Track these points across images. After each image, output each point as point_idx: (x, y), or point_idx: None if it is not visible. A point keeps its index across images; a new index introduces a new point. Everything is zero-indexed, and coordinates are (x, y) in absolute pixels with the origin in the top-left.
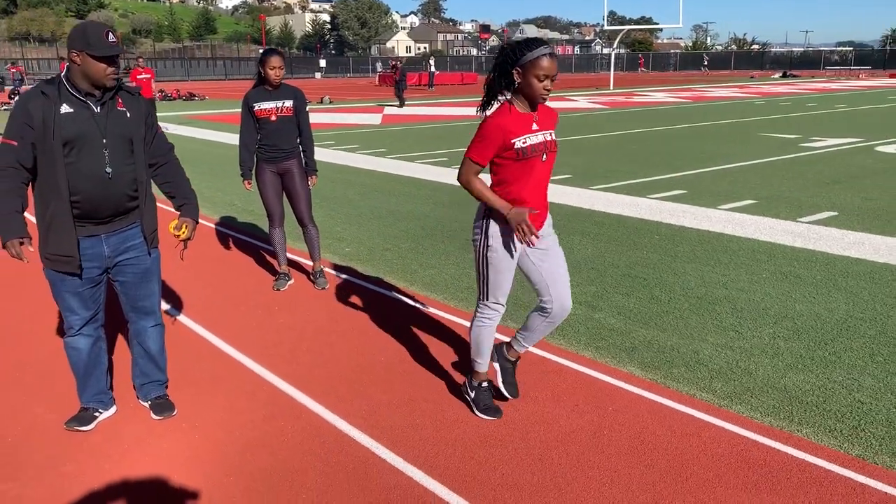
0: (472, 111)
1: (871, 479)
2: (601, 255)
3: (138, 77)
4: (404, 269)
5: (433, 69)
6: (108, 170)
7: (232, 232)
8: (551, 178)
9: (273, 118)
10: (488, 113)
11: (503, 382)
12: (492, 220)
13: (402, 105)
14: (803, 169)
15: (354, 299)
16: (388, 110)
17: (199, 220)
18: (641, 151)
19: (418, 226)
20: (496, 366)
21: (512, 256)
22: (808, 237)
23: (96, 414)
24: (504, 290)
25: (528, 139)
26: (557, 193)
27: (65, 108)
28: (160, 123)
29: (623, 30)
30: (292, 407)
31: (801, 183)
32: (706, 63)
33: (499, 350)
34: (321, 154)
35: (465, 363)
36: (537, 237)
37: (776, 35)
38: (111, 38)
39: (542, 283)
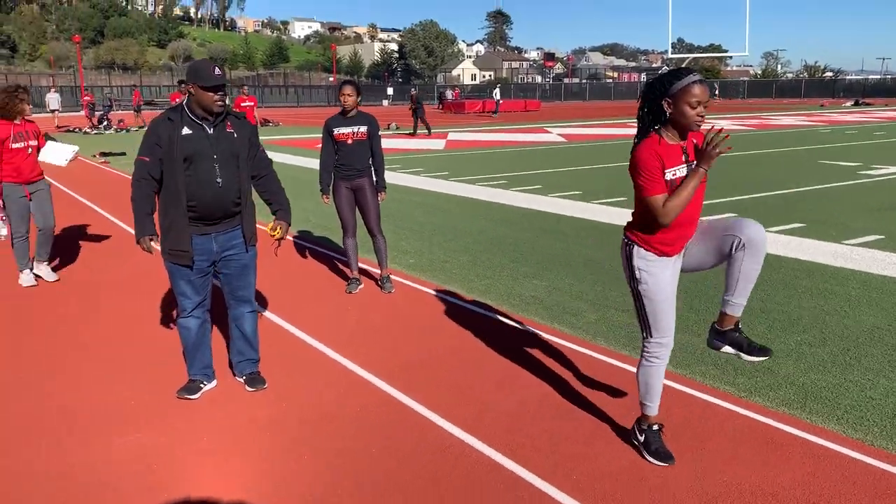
0: (531, 137)
1: (867, 456)
2: None
3: (242, 104)
4: (462, 279)
5: (499, 97)
6: (219, 180)
7: (308, 244)
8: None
9: (350, 141)
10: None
11: (748, 352)
12: (637, 252)
13: (429, 132)
14: (857, 195)
15: (416, 302)
16: (415, 142)
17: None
18: None
19: (475, 241)
20: (727, 349)
21: (666, 285)
22: (850, 258)
23: (201, 385)
24: (667, 324)
25: (677, 171)
26: (610, 213)
27: (185, 131)
28: None
29: (688, 58)
30: (362, 386)
31: (852, 208)
32: (717, 92)
33: (716, 332)
34: (389, 176)
35: (504, 357)
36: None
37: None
38: (216, 71)
39: (713, 249)
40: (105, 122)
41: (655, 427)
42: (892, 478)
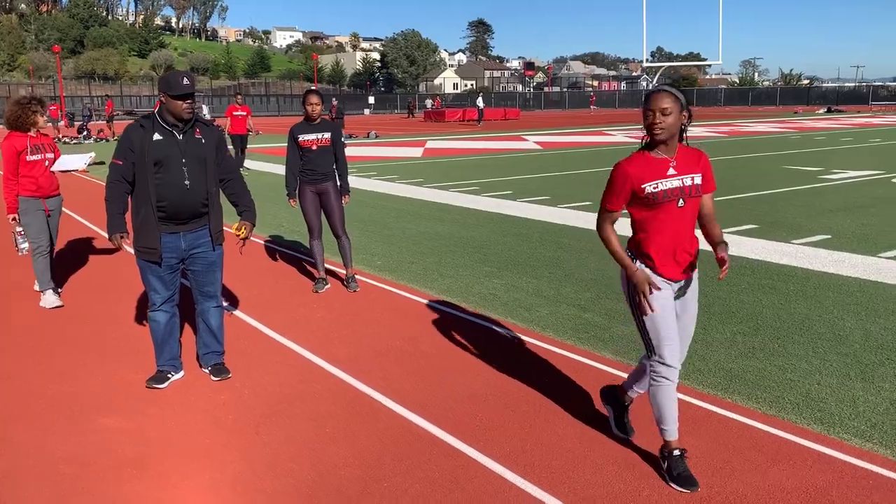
0: (508, 144)
1: (773, 427)
2: (602, 269)
3: (234, 113)
4: (426, 278)
5: (481, 105)
6: (187, 183)
7: (279, 247)
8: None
9: (314, 147)
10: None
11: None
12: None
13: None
14: (813, 198)
15: (379, 300)
16: (393, 150)
17: (252, 238)
18: None
19: (442, 244)
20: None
21: (662, 301)
22: (795, 256)
23: (169, 375)
24: (671, 341)
25: (658, 185)
26: (576, 217)
27: (156, 136)
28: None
29: (663, 66)
30: (322, 375)
31: (806, 210)
32: (594, 101)
33: (610, 392)
34: (364, 183)
35: (458, 347)
36: (653, 310)
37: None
38: (185, 80)
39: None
40: (84, 132)
41: (677, 453)
42: (790, 444)
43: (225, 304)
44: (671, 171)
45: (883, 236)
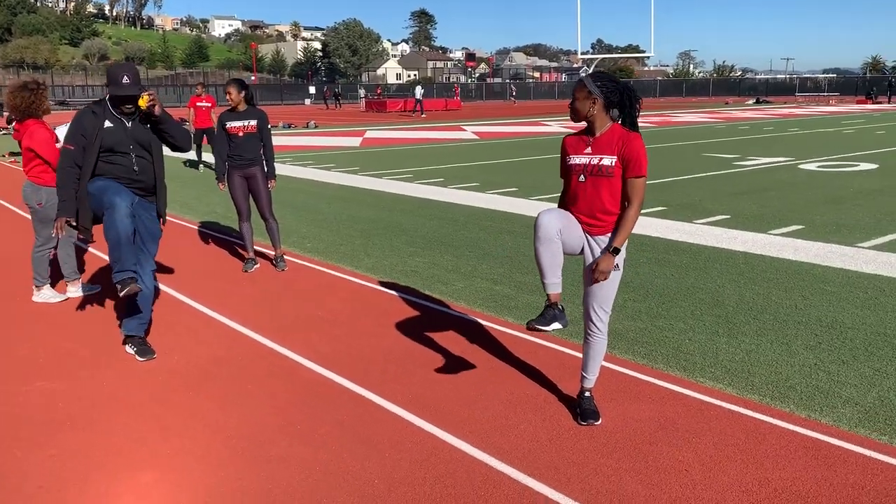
0: (446, 135)
1: (641, 373)
2: (517, 248)
3: (198, 104)
4: (352, 258)
5: (419, 96)
6: (136, 168)
7: (212, 232)
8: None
9: (241, 134)
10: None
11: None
12: None
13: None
14: (722, 183)
15: (305, 277)
16: (331, 139)
17: (186, 224)
18: None
19: (372, 227)
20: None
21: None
22: (693, 233)
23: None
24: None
25: (574, 158)
26: (500, 202)
27: (107, 124)
28: None
29: (598, 58)
30: (247, 342)
31: (713, 193)
32: (514, 93)
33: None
34: (300, 171)
35: (376, 315)
36: None
37: (762, 63)
38: (125, 80)
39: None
40: (12, 125)
41: (587, 395)
42: (652, 385)
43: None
44: (588, 150)
45: (777, 216)
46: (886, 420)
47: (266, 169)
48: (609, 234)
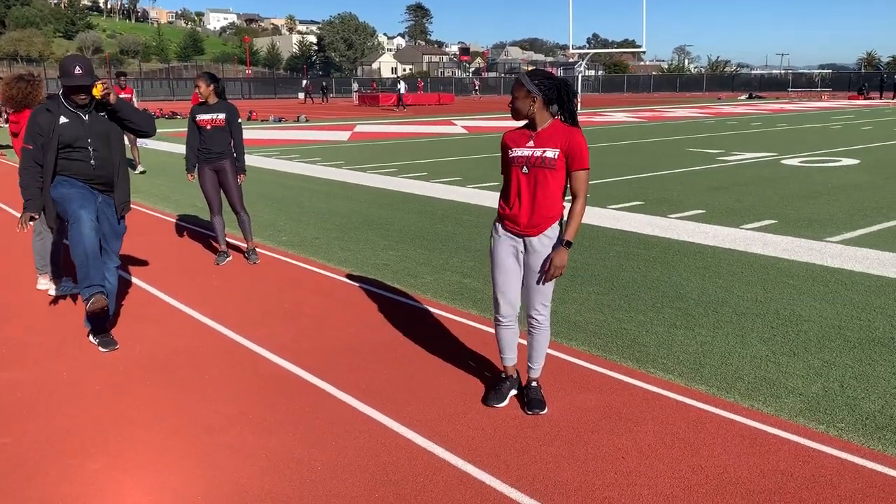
0: (436, 129)
1: (593, 364)
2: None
3: (120, 95)
4: (326, 251)
5: (402, 91)
6: (93, 162)
7: (189, 225)
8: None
9: (209, 127)
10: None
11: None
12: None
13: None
14: (702, 178)
15: (277, 270)
16: (319, 133)
17: (162, 216)
18: None
19: (348, 221)
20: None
21: (499, 249)
22: (667, 228)
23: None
24: (500, 288)
25: (516, 151)
26: (480, 196)
27: (63, 119)
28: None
29: (590, 53)
30: (211, 333)
31: (692, 189)
32: (477, 88)
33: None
34: (284, 165)
35: (344, 307)
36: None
37: (758, 59)
38: (77, 70)
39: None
40: (4, 116)
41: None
42: (602, 376)
43: (129, 276)
44: (530, 143)
45: (751, 211)
46: (826, 410)
47: (236, 163)
48: (545, 232)
